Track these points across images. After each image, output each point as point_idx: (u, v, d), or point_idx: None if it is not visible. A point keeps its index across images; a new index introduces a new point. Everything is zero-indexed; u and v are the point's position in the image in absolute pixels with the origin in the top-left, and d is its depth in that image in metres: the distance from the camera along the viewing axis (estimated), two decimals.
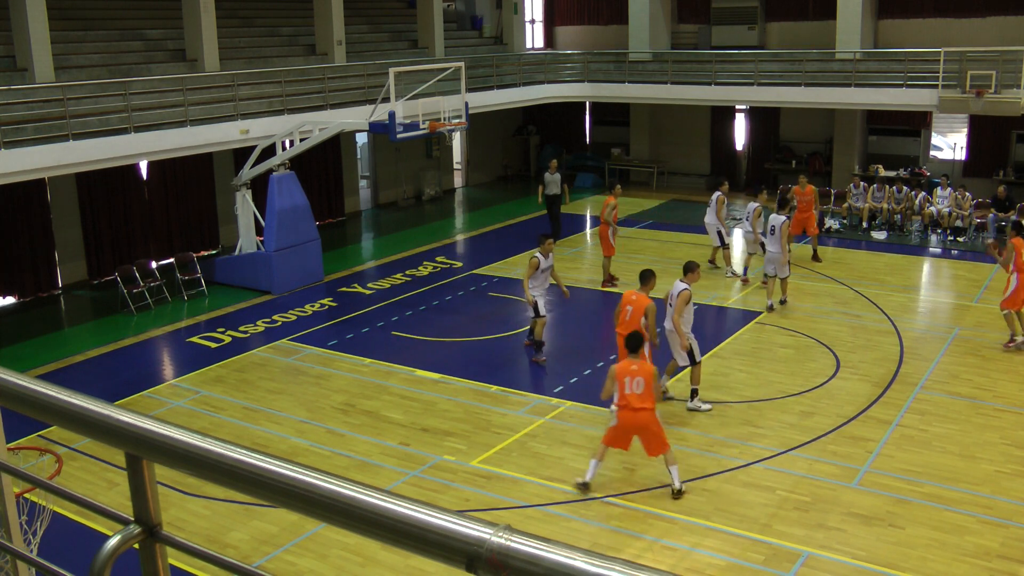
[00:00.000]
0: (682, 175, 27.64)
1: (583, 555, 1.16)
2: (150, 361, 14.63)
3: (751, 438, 10.98)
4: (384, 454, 10.89)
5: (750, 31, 26.23)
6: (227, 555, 1.47)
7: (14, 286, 17.57)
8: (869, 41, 24.25)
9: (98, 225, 18.81)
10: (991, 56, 20.54)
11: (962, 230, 20.56)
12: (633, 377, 9.25)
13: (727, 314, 15.86)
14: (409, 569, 8.35)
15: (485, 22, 29.26)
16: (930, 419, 11.40)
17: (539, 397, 12.42)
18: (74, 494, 1.77)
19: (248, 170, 17.87)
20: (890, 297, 16.28)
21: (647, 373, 9.27)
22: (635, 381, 9.23)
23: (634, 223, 22.45)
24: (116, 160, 15.97)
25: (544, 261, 13.17)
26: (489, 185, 29.23)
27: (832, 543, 8.73)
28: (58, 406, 1.63)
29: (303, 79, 19.89)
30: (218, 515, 9.55)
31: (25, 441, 10.73)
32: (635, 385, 9.22)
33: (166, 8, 20.53)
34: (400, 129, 16.37)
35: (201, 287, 17.84)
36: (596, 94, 26.55)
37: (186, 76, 17.55)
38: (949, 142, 24.58)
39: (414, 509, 1.27)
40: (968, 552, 8.50)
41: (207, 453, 1.44)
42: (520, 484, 10.03)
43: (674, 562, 8.47)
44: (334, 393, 12.82)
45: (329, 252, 19.53)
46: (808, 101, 23.08)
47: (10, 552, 1.93)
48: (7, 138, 14.04)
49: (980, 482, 9.81)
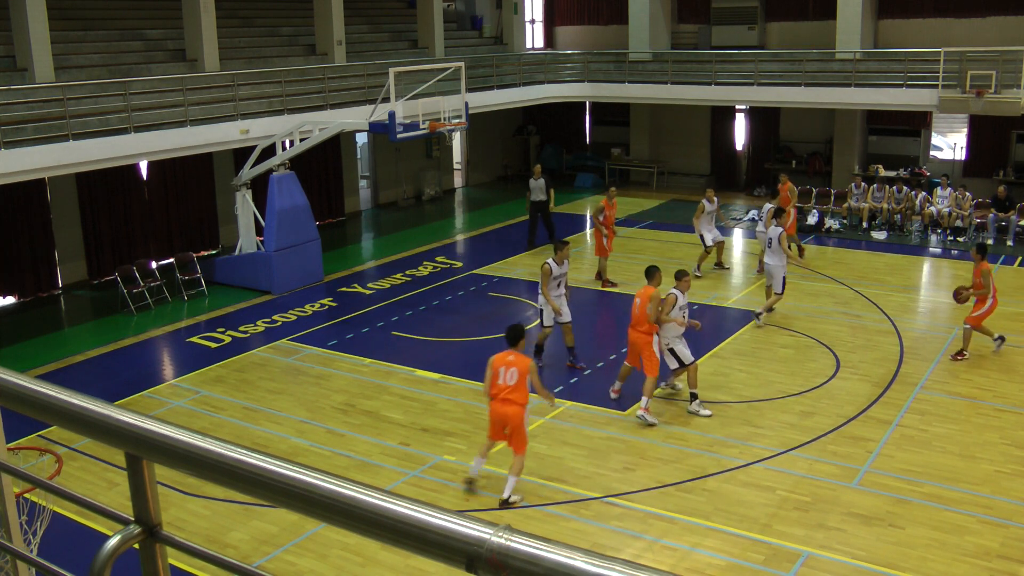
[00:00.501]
0: (682, 175, 27.64)
1: (583, 555, 1.16)
2: (150, 361, 14.63)
3: (751, 438, 10.98)
4: (384, 454, 10.89)
5: (750, 31, 26.24)
6: (227, 555, 1.48)
7: (14, 286, 17.57)
8: (869, 41, 24.25)
9: (98, 225, 18.81)
10: (991, 56, 20.54)
11: (962, 230, 20.56)
12: (508, 368, 9.33)
13: (727, 314, 15.86)
14: (409, 569, 8.35)
15: (485, 22, 29.27)
16: (930, 419, 11.40)
17: (539, 397, 12.39)
18: (74, 494, 1.77)
19: (248, 170, 17.87)
20: (890, 297, 16.28)
21: (522, 366, 9.32)
22: (509, 372, 9.31)
23: (634, 223, 22.45)
24: (116, 160, 15.98)
25: (557, 268, 12.80)
26: (489, 185, 29.23)
27: (832, 543, 8.73)
28: (58, 406, 1.63)
29: (303, 79, 19.89)
30: (218, 515, 9.56)
31: (25, 441, 10.73)
32: (509, 376, 9.30)
33: (166, 8, 20.54)
34: (400, 129, 16.37)
35: (201, 287, 17.84)
36: (596, 94, 26.55)
37: (186, 76, 17.55)
38: (949, 142, 24.58)
39: (414, 509, 1.27)
40: (968, 552, 8.50)
41: (207, 453, 1.44)
42: (520, 484, 10.03)
43: (674, 562, 8.47)
44: (334, 393, 12.82)
45: (329, 252, 19.53)
46: (808, 101, 23.08)
47: (10, 552, 1.94)
48: (7, 138, 14.04)
49: (980, 482, 9.81)
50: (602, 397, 12.23)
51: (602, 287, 17.31)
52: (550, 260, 12.80)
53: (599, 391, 12.45)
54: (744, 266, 19.11)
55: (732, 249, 20.67)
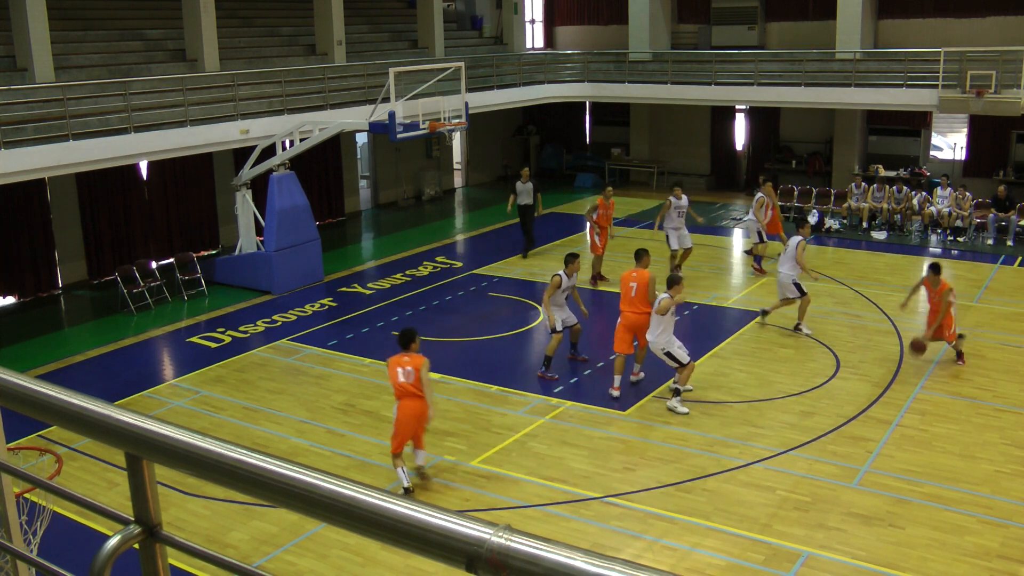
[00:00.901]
0: (682, 175, 27.58)
1: (583, 555, 1.16)
2: (150, 361, 14.63)
3: (751, 438, 10.98)
4: (384, 454, 10.88)
5: (750, 31, 26.24)
6: (227, 555, 1.48)
7: (14, 286, 17.57)
8: (869, 41, 24.25)
9: (98, 225, 18.81)
10: (991, 56, 20.54)
11: (962, 230, 20.56)
12: (404, 367, 9.74)
13: (727, 314, 15.85)
14: (409, 569, 8.35)
15: (485, 22, 29.27)
16: (930, 419, 11.40)
17: (539, 397, 12.41)
18: (74, 494, 1.77)
19: (248, 170, 17.87)
20: (890, 297, 16.27)
21: (416, 364, 9.78)
22: (406, 371, 9.73)
23: (634, 223, 22.44)
24: (116, 160, 15.98)
25: (567, 280, 12.80)
26: (489, 185, 29.22)
27: (832, 543, 8.73)
28: (58, 406, 1.63)
29: (303, 79, 19.89)
30: (218, 515, 9.56)
31: (25, 441, 10.73)
32: (407, 376, 9.72)
33: (166, 8, 20.54)
34: (400, 129, 16.37)
35: (201, 287, 17.84)
36: (596, 94, 26.55)
37: (186, 76, 17.55)
38: (949, 142, 24.58)
39: (414, 509, 1.27)
40: (968, 552, 8.50)
41: (207, 453, 1.44)
42: (520, 484, 10.03)
43: (674, 562, 8.48)
44: (334, 393, 12.82)
45: (329, 252, 19.53)
46: (808, 101, 23.08)
47: (10, 552, 1.94)
48: (7, 138, 14.04)
49: (980, 482, 9.81)
50: (602, 397, 12.24)
51: (591, 284, 17.16)
52: (561, 272, 12.80)
53: (599, 391, 12.46)
54: (745, 266, 19.09)
55: (732, 249, 20.67)
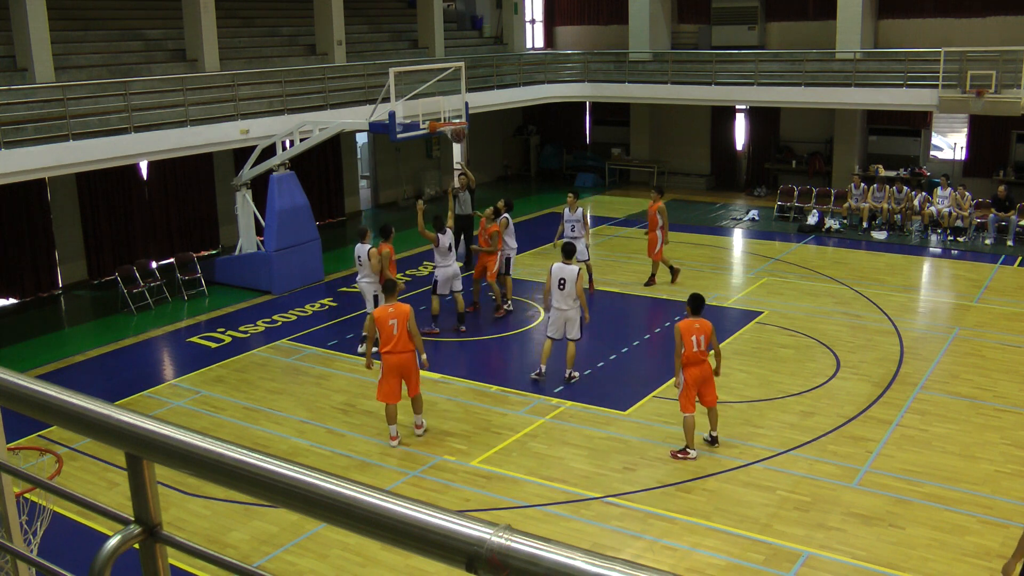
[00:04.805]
0: (682, 175, 27.64)
1: (583, 555, 1.16)
2: (150, 361, 14.63)
3: (751, 438, 10.98)
4: (384, 454, 10.89)
5: (750, 31, 26.23)
6: (227, 555, 1.47)
7: (14, 286, 17.57)
8: (869, 41, 24.25)
9: (98, 225, 18.81)
10: (991, 56, 20.54)
11: (962, 230, 20.55)
12: (390, 319, 10.08)
13: (727, 314, 15.85)
14: (409, 569, 8.35)
15: (485, 22, 29.27)
16: (930, 419, 11.40)
17: (539, 397, 12.41)
18: (74, 494, 1.77)
19: (248, 170, 17.87)
20: (890, 297, 16.27)
21: (402, 316, 10.08)
22: (394, 323, 10.05)
23: (633, 223, 22.43)
24: (116, 160, 15.97)
25: None
26: (489, 185, 29.19)
27: (832, 543, 8.73)
28: (58, 406, 1.63)
29: (303, 79, 19.89)
30: (218, 515, 9.56)
31: (25, 441, 10.73)
32: (395, 328, 10.03)
33: (166, 8, 20.53)
34: (400, 129, 16.37)
35: (201, 287, 17.83)
36: (596, 94, 26.55)
37: (186, 76, 17.55)
38: (949, 142, 24.58)
39: (414, 509, 1.27)
40: (968, 552, 8.50)
41: (207, 453, 1.44)
42: (520, 484, 10.03)
43: (674, 562, 8.47)
44: (334, 393, 12.82)
45: (329, 252, 19.52)
46: (808, 101, 23.08)
47: (10, 552, 1.93)
48: (7, 138, 14.04)
49: (980, 482, 9.81)
50: (602, 397, 12.24)
51: None
52: None
53: (599, 391, 12.46)
54: (745, 266, 19.09)
55: (732, 249, 20.67)
